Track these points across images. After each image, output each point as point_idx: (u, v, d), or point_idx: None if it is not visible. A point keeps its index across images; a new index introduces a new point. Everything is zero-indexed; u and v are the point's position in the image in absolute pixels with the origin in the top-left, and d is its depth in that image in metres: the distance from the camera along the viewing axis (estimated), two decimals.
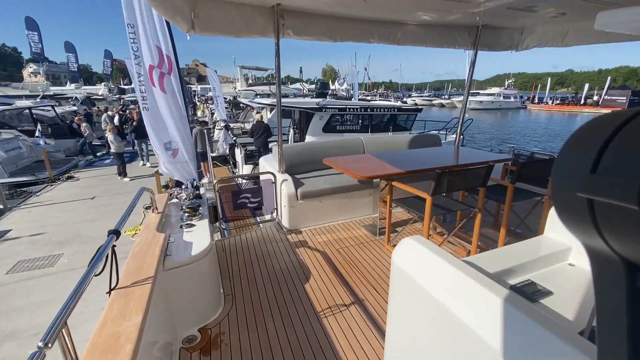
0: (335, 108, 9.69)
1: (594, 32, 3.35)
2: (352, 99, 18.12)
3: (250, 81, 31.42)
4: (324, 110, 9.55)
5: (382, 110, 10.33)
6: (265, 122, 9.51)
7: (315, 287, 2.52)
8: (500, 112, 48.38)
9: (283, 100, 10.29)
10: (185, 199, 2.71)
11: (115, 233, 1.47)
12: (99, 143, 13.16)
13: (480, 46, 3.93)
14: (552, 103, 54.81)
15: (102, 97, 27.03)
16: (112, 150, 9.03)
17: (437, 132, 11.76)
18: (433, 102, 56.72)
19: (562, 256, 1.24)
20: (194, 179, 3.17)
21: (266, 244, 3.24)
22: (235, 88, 27.41)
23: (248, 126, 12.75)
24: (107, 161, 11.37)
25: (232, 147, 10.57)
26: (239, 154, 9.88)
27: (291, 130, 10.21)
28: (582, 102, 51.50)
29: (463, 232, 3.23)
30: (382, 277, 2.64)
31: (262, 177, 3.51)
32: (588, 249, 0.28)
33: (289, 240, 3.29)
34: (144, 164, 10.84)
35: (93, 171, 10.52)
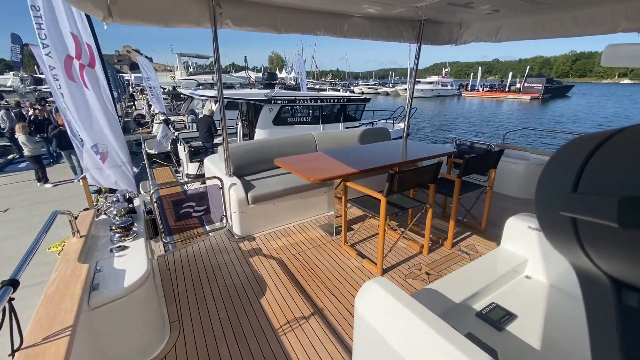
0: (285, 99, 9.42)
1: (525, 29, 3.56)
2: (300, 88, 17.85)
3: (191, 69, 29.32)
4: (273, 102, 9.23)
5: (332, 100, 10.29)
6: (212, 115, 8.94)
7: (272, 300, 2.37)
8: (439, 99, 51.60)
9: (229, 92, 9.77)
10: (116, 215, 2.35)
11: (12, 284, 1.17)
12: (7, 143, 11.27)
13: (423, 40, 4.01)
14: (483, 90, 59.85)
15: (11, 89, 23.34)
16: (26, 153, 7.75)
17: (384, 121, 12.11)
18: (379, 90, 58.52)
19: (519, 269, 1.24)
20: (126, 192, 2.78)
21: (216, 255, 2.99)
22: (175, 77, 25.41)
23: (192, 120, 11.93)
24: (22, 165, 9.85)
25: (174, 143, 9.80)
26: (182, 151, 9.20)
27: (239, 124, 9.74)
28: (507, 89, 57.05)
29: (415, 226, 3.30)
30: (339, 281, 2.58)
31: (207, 183, 3.21)
32: (575, 267, 0.28)
33: (242, 249, 3.09)
34: (78, 181, 9.54)
35: (4, 177, 9.03)
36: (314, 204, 3.71)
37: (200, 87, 16.30)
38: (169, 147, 10.20)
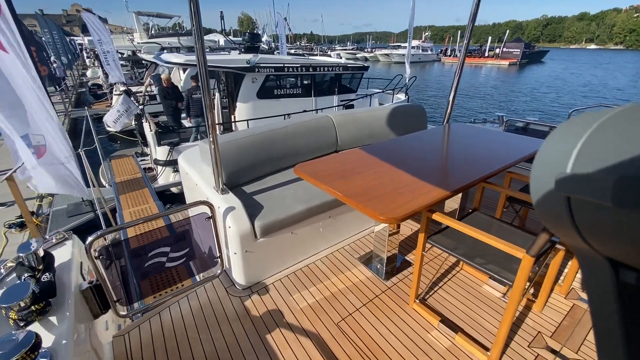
0: (271, 67, 7.86)
1: None
2: (279, 53, 15.86)
3: (152, 31, 25.86)
4: (257, 70, 7.67)
5: (325, 68, 8.82)
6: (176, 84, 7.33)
7: None
8: (420, 65, 50.15)
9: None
10: (14, 306, 1.14)
11: None
12: None
13: None
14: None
15: None
16: None
17: (378, 91, 10.85)
18: (357, 55, 55.89)
19: None
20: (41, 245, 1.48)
21: (208, 324, 1.85)
22: (134, 40, 22.29)
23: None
24: None
25: (138, 119, 8.14)
26: (148, 130, 7.62)
27: (217, 95, 8.16)
28: (486, 54, 56.40)
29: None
30: None
31: (190, 213, 1.96)
32: (573, 248, 0.28)
33: (248, 310, 1.96)
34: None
35: None
36: (347, 222, 2.59)
37: (165, 51, 14.05)
38: (133, 123, 8.52)
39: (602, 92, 24.63)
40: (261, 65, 7.64)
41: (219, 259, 2.05)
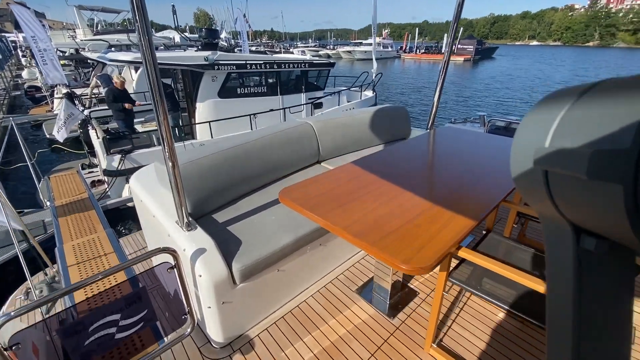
0: (232, 64, 7.28)
1: None
2: (240, 50, 15.08)
3: (98, 28, 23.60)
4: (216, 67, 7.05)
5: (291, 65, 8.37)
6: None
7: None
8: (381, 61, 50.96)
9: (159, 55, 7.21)
10: None
11: None
12: None
13: None
14: (419, 52, 60.80)
15: None
16: None
17: (345, 89, 10.61)
18: (320, 52, 55.60)
19: None
20: None
21: None
22: (76, 37, 20.24)
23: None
24: None
25: (84, 126, 7.21)
26: (95, 138, 6.76)
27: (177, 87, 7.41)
28: (442, 50, 58.65)
29: None
30: None
31: (154, 260, 1.48)
32: (541, 215, 0.30)
33: None
34: None
35: None
36: (341, 246, 2.23)
37: (113, 49, 12.79)
38: (78, 131, 7.54)
39: (550, 86, 26.43)
40: (221, 62, 7.04)
41: (187, 315, 1.60)
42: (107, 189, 6.13)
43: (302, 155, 2.60)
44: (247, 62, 7.56)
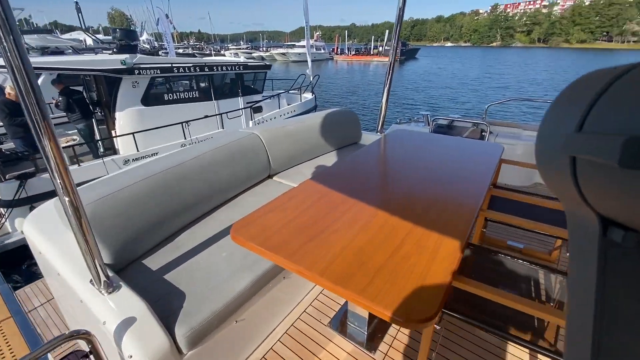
0: (156, 68, 6.50)
1: None
2: (165, 54, 13.76)
3: None
4: (137, 72, 6.23)
5: (224, 68, 7.80)
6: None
7: None
8: (315, 63, 51.64)
9: (58, 59, 5.98)
10: None
11: None
12: None
13: None
14: (350, 54, 63.12)
15: None
16: None
17: (284, 91, 10.33)
18: (253, 54, 54.28)
19: None
20: None
21: None
22: None
23: None
24: None
25: None
26: None
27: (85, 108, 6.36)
28: (372, 52, 61.76)
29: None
30: None
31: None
32: (565, 205, 0.28)
33: None
34: None
35: None
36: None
37: None
38: None
39: (467, 83, 29.30)
40: (142, 66, 6.24)
41: None
42: (3, 221, 5.00)
43: (250, 171, 2.26)
44: (174, 65, 6.84)
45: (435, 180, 1.70)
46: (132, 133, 5.94)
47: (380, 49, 60.82)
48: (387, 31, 65.94)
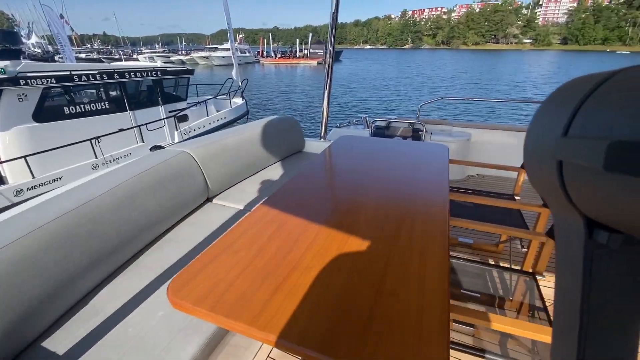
0: (50, 77, 5.44)
1: None
2: (62, 59, 11.82)
3: None
4: (23, 82, 5.13)
5: (138, 74, 6.91)
6: None
7: None
8: (242, 66, 50.08)
9: None
10: None
11: None
12: None
13: None
14: (276, 57, 62.89)
15: None
16: None
17: (212, 97, 9.67)
18: (171, 58, 50.36)
19: None
20: None
21: None
22: None
23: None
24: None
25: None
26: None
27: None
28: (297, 55, 62.36)
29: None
30: None
31: None
32: (552, 207, 0.29)
33: None
34: None
35: None
36: None
37: None
38: None
39: (388, 84, 31.31)
40: (30, 74, 5.17)
41: None
42: None
43: (185, 196, 1.89)
44: (74, 72, 5.82)
45: (396, 191, 1.59)
46: (24, 157, 4.86)
47: (306, 51, 61.70)
48: (310, 34, 67.20)
